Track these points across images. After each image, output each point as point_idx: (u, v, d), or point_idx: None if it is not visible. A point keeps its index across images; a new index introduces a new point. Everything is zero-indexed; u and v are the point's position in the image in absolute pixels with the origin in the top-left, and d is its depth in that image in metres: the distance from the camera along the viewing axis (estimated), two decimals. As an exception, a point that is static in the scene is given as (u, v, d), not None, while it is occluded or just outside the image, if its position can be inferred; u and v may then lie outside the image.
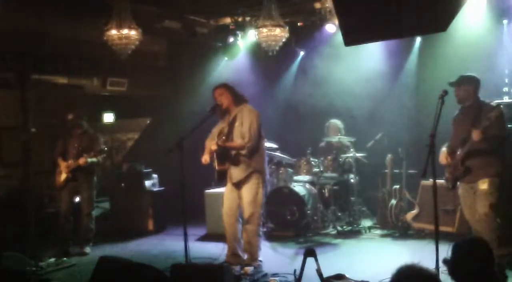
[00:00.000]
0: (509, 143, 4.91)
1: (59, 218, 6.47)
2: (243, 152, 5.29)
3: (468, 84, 4.94)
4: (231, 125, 5.38)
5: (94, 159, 6.28)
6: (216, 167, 5.35)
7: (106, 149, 6.46)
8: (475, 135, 4.56)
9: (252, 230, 5.37)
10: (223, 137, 5.31)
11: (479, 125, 4.56)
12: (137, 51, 6.32)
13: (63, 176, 6.37)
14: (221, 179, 5.49)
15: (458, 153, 4.85)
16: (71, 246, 6.40)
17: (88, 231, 6.49)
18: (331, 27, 7.47)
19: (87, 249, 6.41)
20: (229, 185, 5.48)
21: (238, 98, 5.47)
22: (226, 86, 5.50)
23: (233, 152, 5.32)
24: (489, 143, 4.64)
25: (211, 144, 5.37)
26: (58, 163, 6.43)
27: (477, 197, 4.78)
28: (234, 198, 5.44)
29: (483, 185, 4.71)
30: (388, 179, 6.98)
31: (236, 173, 5.35)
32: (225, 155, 5.31)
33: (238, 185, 5.38)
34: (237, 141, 5.33)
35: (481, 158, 4.72)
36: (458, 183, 4.95)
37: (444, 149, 5.04)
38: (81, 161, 6.20)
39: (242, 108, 5.41)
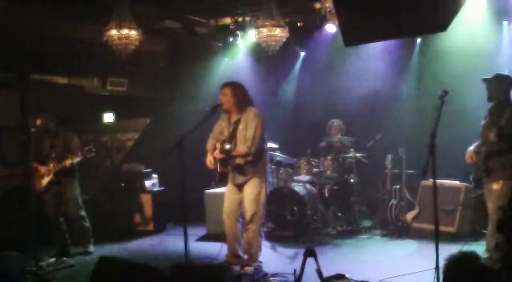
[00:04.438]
0: None
1: (49, 224, 6.28)
2: (249, 158, 5.24)
3: (498, 82, 4.87)
4: (235, 128, 5.32)
5: (78, 158, 6.07)
6: (218, 169, 5.31)
7: (88, 146, 6.13)
8: (491, 135, 4.57)
9: (255, 229, 5.31)
10: (228, 146, 5.20)
11: (496, 125, 4.56)
12: (137, 51, 6.32)
13: (46, 179, 6.13)
14: (222, 180, 5.44)
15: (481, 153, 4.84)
16: (71, 246, 6.36)
17: (86, 231, 6.43)
18: (331, 27, 7.47)
19: (91, 248, 6.39)
20: (229, 186, 5.44)
21: (243, 102, 5.34)
22: (233, 88, 5.35)
23: (238, 159, 5.27)
24: (505, 143, 4.61)
25: (216, 153, 5.24)
26: (36, 168, 6.20)
27: (489, 196, 4.81)
28: (234, 198, 5.40)
29: (497, 185, 4.72)
30: (388, 179, 6.98)
31: (238, 175, 5.31)
32: (229, 160, 5.28)
33: (240, 186, 5.35)
34: (240, 144, 5.26)
35: (499, 159, 4.71)
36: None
37: (470, 148, 5.00)
38: (67, 162, 6.00)
39: (246, 112, 5.31)
